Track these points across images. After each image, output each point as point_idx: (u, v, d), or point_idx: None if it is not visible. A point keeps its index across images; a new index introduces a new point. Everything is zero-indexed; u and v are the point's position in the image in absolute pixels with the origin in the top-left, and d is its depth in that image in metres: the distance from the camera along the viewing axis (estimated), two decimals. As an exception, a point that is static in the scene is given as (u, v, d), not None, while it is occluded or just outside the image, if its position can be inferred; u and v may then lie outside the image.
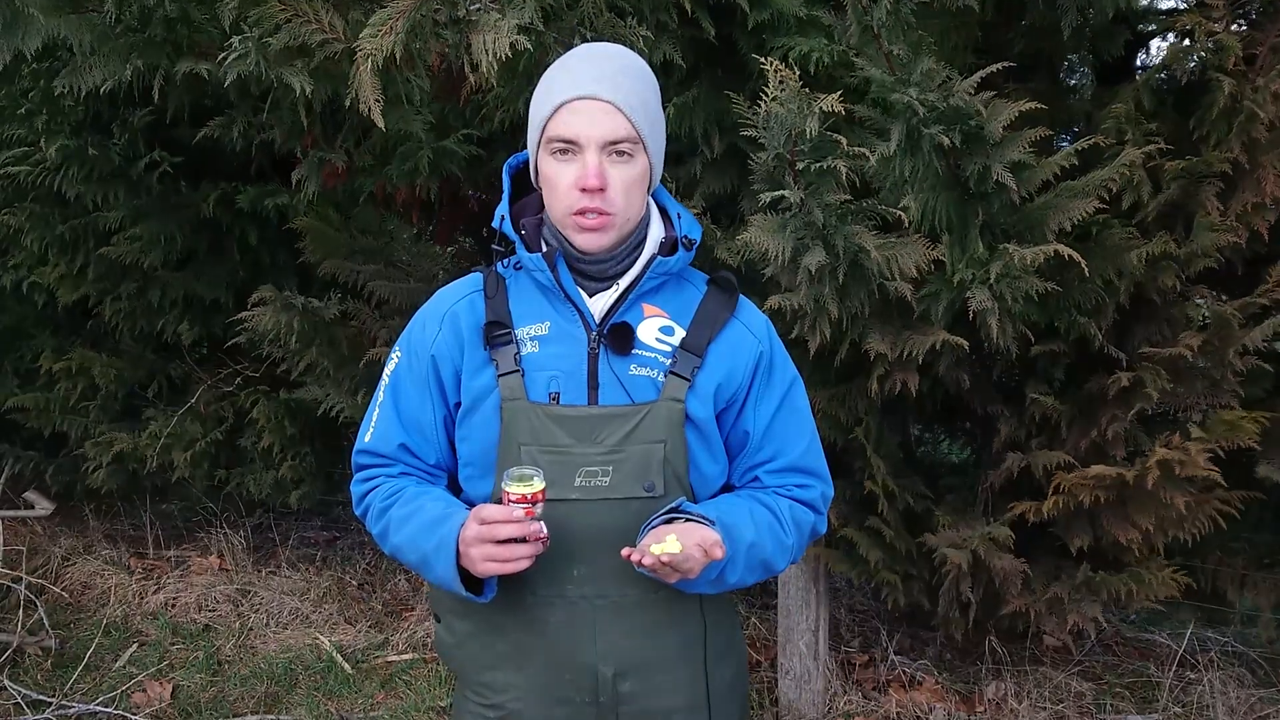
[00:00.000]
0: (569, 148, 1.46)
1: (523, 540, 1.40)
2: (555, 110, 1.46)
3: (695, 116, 2.71)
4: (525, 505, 1.39)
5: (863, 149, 2.14)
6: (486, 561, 1.41)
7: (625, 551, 1.41)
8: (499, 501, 1.45)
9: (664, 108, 2.63)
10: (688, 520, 1.46)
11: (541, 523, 1.41)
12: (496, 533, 1.40)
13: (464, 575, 1.47)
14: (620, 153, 1.46)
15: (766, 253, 2.27)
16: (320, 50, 2.30)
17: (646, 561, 1.39)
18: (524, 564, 1.41)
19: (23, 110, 3.73)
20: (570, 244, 1.53)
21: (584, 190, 1.45)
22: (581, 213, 1.46)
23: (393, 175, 3.16)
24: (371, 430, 1.63)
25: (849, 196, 2.22)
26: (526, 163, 1.62)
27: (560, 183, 1.47)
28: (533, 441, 1.50)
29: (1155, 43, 3.10)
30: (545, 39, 2.26)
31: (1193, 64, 2.57)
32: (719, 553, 1.40)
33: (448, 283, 1.68)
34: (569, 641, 1.57)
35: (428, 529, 1.50)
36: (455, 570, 1.46)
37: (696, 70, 2.73)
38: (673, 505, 1.49)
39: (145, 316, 4.40)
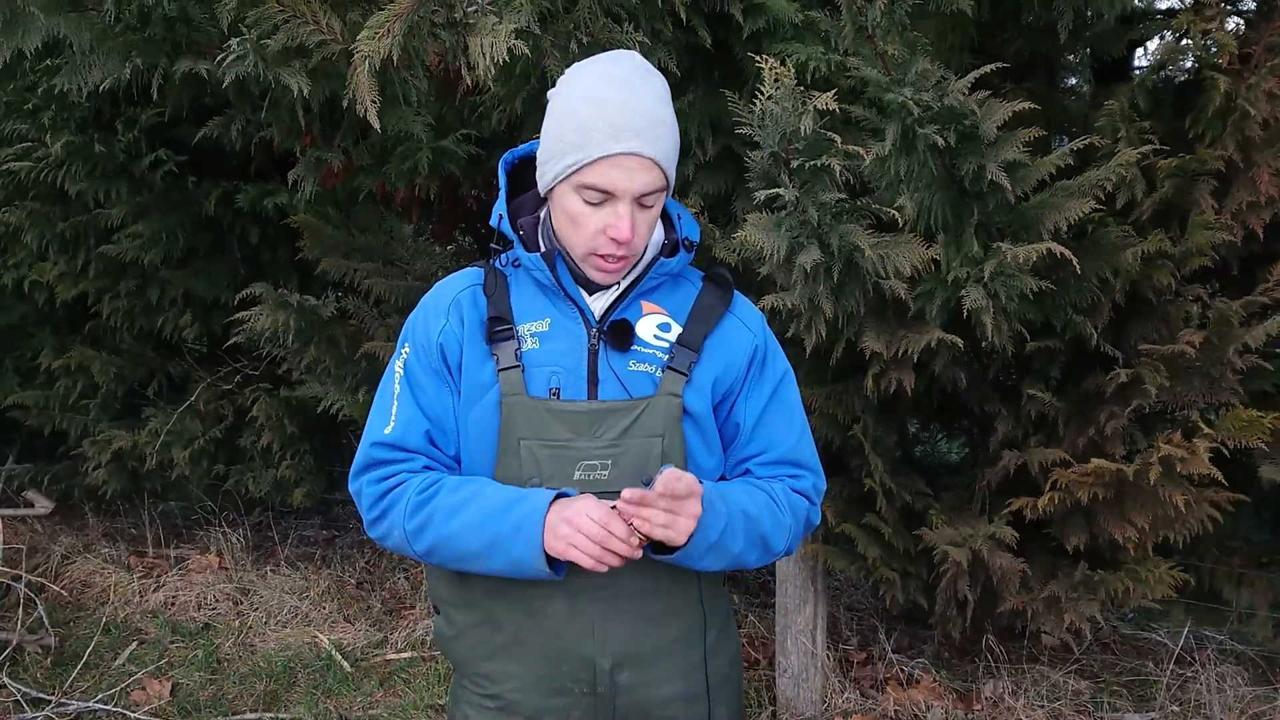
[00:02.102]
0: (603, 198, 1.46)
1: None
2: (594, 160, 1.44)
3: (690, 120, 2.72)
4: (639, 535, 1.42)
5: (857, 148, 2.15)
6: (573, 549, 1.41)
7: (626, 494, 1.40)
8: None
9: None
10: None
11: (633, 551, 1.43)
12: (610, 543, 1.40)
13: None
14: (649, 200, 1.48)
15: (762, 251, 2.28)
16: (318, 51, 2.30)
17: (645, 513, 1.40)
18: (601, 568, 1.42)
19: (29, 106, 3.74)
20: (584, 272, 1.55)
21: (613, 239, 1.46)
22: (604, 255, 1.49)
23: (391, 175, 3.17)
24: (393, 423, 1.59)
25: (844, 195, 2.23)
26: (522, 159, 1.63)
27: (587, 225, 1.48)
28: (533, 436, 1.51)
29: (1152, 43, 3.11)
30: (542, 42, 2.27)
31: (1188, 63, 2.58)
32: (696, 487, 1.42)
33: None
34: (567, 632, 1.58)
35: (500, 511, 1.47)
36: (541, 549, 1.44)
37: (692, 75, 2.73)
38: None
39: (144, 315, 4.41)
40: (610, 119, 1.43)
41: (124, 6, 2.48)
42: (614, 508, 1.42)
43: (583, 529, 1.40)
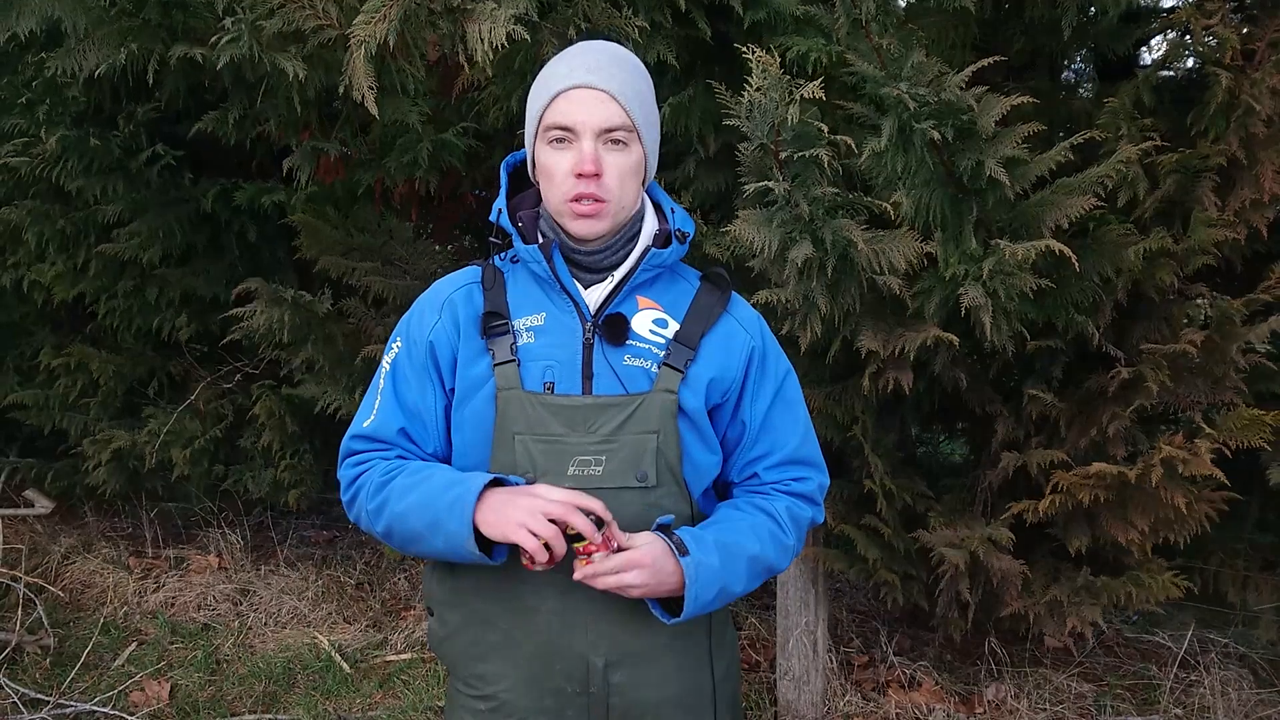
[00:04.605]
0: (565, 135, 1.49)
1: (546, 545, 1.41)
2: (552, 99, 1.49)
3: (691, 116, 2.71)
4: (583, 550, 1.42)
5: (846, 138, 2.14)
6: (520, 528, 1.40)
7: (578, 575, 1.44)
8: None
9: (659, 107, 2.64)
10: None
11: (562, 553, 1.41)
12: (550, 511, 1.40)
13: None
14: (616, 141, 1.49)
15: (753, 245, 2.26)
16: (314, 36, 2.30)
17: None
18: (539, 553, 1.40)
19: (23, 100, 3.72)
20: (566, 232, 1.55)
21: (580, 176, 1.47)
22: (578, 199, 1.49)
23: (391, 168, 3.16)
24: (373, 416, 1.62)
25: (837, 190, 2.21)
26: (523, 162, 1.64)
27: (557, 170, 1.50)
28: (527, 431, 1.51)
29: (1156, 40, 3.09)
30: (541, 32, 2.26)
31: (1190, 60, 2.56)
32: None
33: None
34: (560, 631, 1.57)
35: (442, 489, 1.49)
36: (470, 527, 1.44)
37: (692, 70, 2.72)
38: (660, 523, 1.50)
39: (142, 314, 4.40)
40: (568, 64, 1.52)
41: (120, -10, 2.48)
42: (600, 523, 1.43)
43: (531, 508, 1.40)
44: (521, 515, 1.40)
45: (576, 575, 1.43)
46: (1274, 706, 3.17)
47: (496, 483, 1.48)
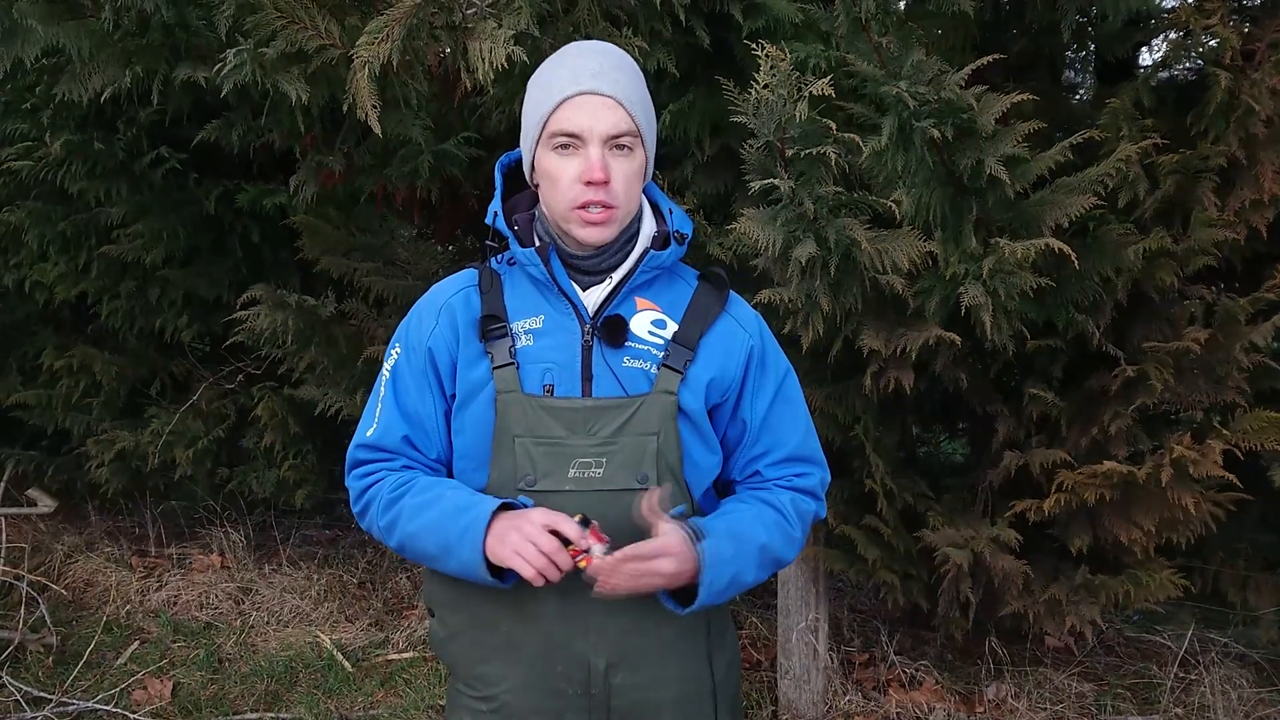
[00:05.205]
0: (572, 142, 1.48)
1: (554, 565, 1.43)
2: (558, 105, 1.48)
3: (689, 120, 2.72)
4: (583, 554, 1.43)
5: (854, 136, 2.14)
6: (518, 557, 1.42)
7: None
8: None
9: (659, 114, 2.65)
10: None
11: (567, 567, 1.43)
12: (556, 558, 1.41)
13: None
14: (621, 146, 1.49)
15: (757, 244, 2.27)
16: (317, 56, 2.30)
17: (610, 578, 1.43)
18: (539, 582, 1.42)
19: (28, 105, 3.74)
20: (570, 239, 1.54)
21: (589, 183, 1.47)
22: (585, 206, 1.48)
23: (392, 176, 3.17)
24: (375, 425, 1.62)
25: (840, 189, 2.22)
26: (518, 161, 1.64)
27: (563, 177, 1.49)
28: (527, 433, 1.51)
29: (1156, 40, 3.10)
30: (541, 45, 2.26)
31: (1190, 60, 2.56)
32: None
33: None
34: (562, 633, 1.57)
35: (452, 515, 1.49)
36: (481, 555, 1.45)
37: (691, 76, 2.73)
38: (673, 514, 1.50)
39: (144, 314, 4.41)
40: (570, 68, 1.50)
41: (123, 13, 2.49)
42: (586, 522, 1.43)
43: (530, 536, 1.42)
44: (515, 544, 1.42)
45: (591, 569, 1.42)
46: (1274, 706, 3.17)
47: (506, 506, 1.48)
